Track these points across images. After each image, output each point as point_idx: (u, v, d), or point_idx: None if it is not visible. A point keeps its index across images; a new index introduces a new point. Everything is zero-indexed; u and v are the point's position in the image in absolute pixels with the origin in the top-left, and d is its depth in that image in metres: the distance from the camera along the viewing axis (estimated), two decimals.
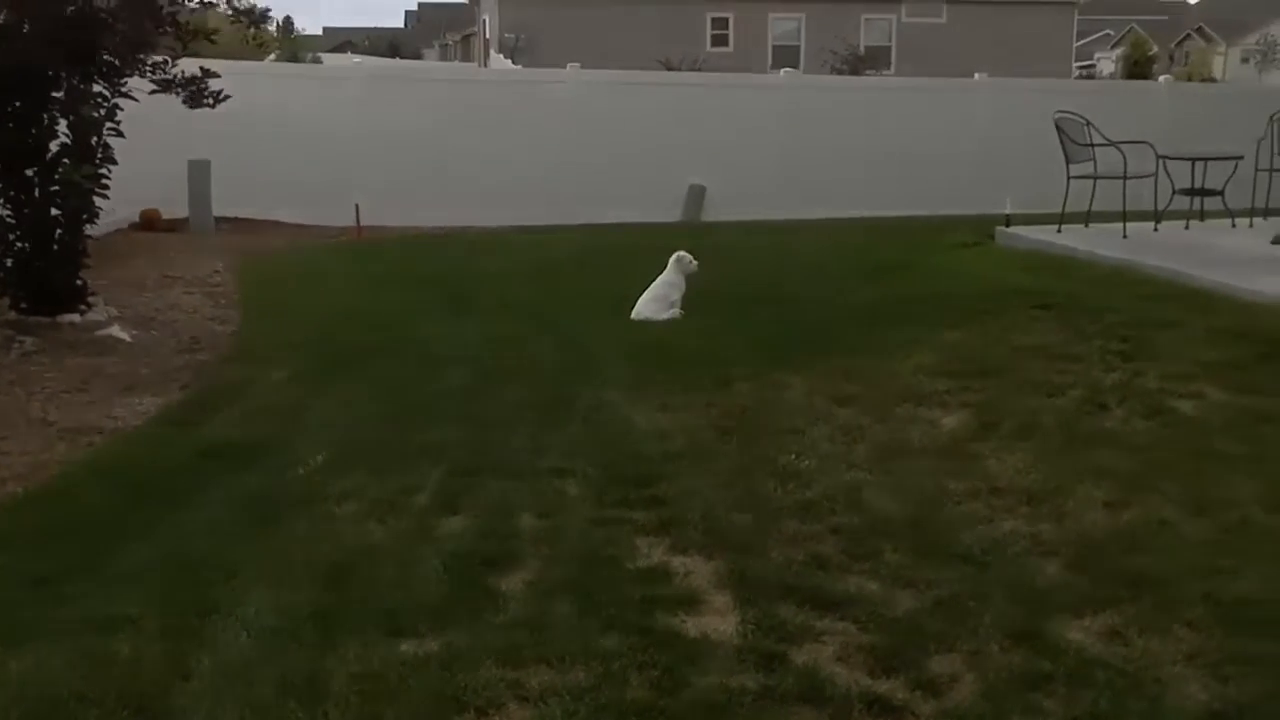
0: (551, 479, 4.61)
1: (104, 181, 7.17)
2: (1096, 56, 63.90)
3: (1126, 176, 9.04)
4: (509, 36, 33.11)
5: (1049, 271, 8.16)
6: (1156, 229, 9.51)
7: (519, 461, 4.82)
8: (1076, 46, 61.21)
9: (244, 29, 7.40)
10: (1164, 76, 17.21)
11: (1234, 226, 9.60)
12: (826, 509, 4.21)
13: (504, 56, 32.71)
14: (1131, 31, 65.69)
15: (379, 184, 14.15)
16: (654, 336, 7.14)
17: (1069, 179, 9.30)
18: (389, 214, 13.97)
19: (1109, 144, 9.16)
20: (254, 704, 2.96)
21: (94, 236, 11.97)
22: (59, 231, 7.31)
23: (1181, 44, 67.10)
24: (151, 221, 13.42)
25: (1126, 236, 9.07)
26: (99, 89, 7.13)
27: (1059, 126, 9.36)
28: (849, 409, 5.42)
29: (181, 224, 13.21)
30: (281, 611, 3.46)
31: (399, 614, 3.43)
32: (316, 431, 5.34)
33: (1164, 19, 70.36)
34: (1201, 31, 67.60)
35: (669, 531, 4.04)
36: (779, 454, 4.81)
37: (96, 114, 6.99)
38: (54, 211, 7.23)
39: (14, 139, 7.00)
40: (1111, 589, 3.51)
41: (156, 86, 7.14)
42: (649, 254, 7.92)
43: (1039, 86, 15.32)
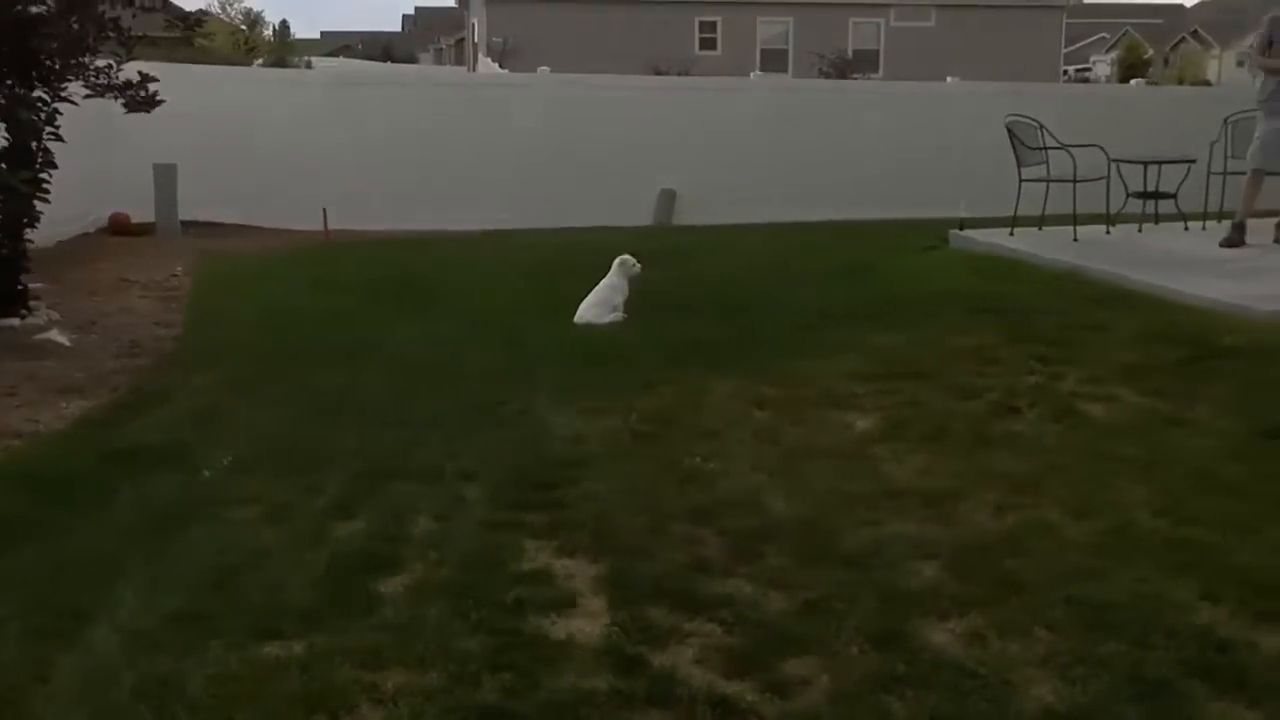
0: (456, 482, 4.62)
1: (44, 186, 7.18)
2: (1092, 60, 63.90)
3: (1076, 180, 9.05)
4: (496, 40, 33.15)
5: (996, 275, 8.18)
6: (1109, 232, 9.52)
7: (428, 465, 4.82)
8: (1072, 50, 61.33)
9: (182, 33, 7.37)
10: (1135, 80, 17.21)
11: (1186, 229, 9.61)
12: (721, 512, 4.22)
13: (491, 60, 32.74)
14: (1127, 35, 65.77)
15: (349, 188, 14.19)
16: (592, 340, 7.15)
17: (1020, 182, 9.31)
18: (359, 218, 14.02)
19: (1060, 147, 9.17)
20: (107, 707, 2.98)
21: (61, 240, 12.20)
22: None
23: (1176, 47, 67.02)
24: (121, 225, 13.47)
25: (1077, 240, 9.08)
26: (39, 94, 7.15)
27: (1010, 130, 9.38)
28: (767, 412, 5.44)
29: (152, 228, 13.25)
30: (154, 614, 3.48)
31: (271, 617, 3.44)
32: (234, 435, 5.34)
33: (1159, 22, 70.32)
34: (1197, 35, 67.53)
35: (559, 534, 4.06)
36: (687, 457, 4.82)
37: (36, 118, 7.01)
38: None
39: None
40: (982, 591, 3.52)
41: (91, 91, 7.15)
42: (611, 258, 7.92)
43: (1009, 90, 15.29)
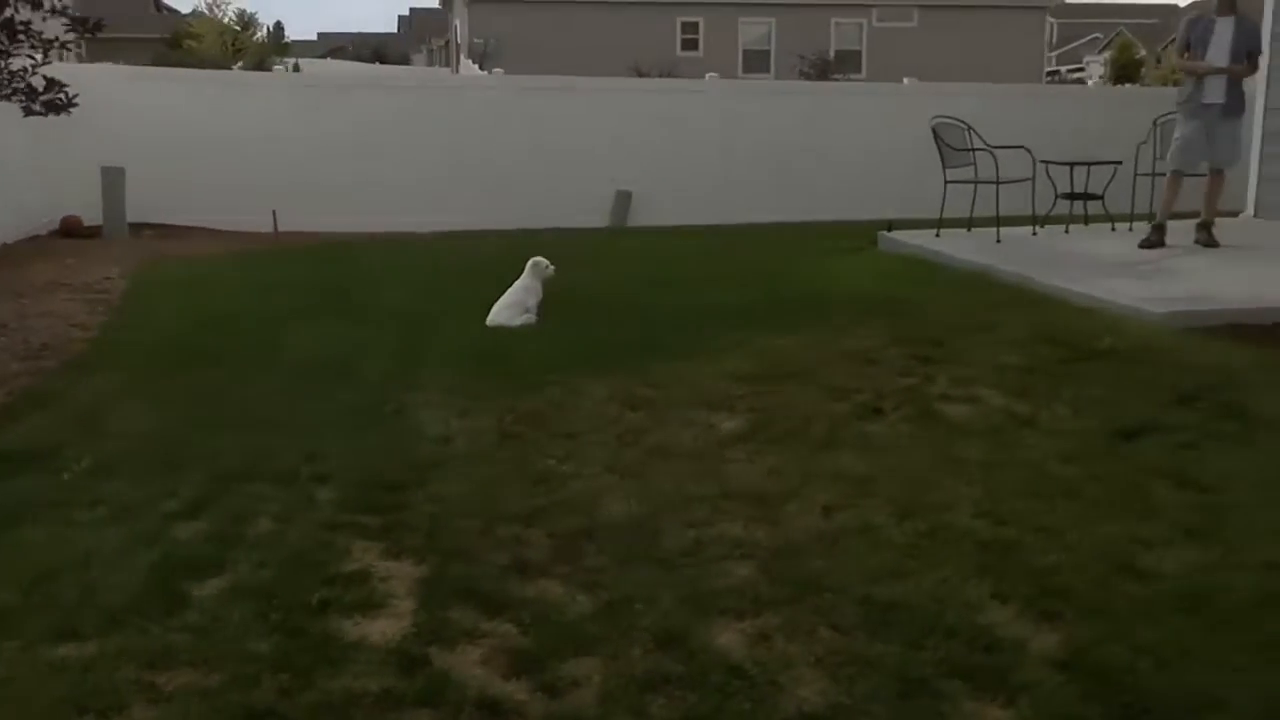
0: (310, 484, 4.64)
1: None
2: (1086, 60, 63.80)
3: (999, 181, 9.07)
4: (478, 41, 33.16)
5: (908, 277, 8.21)
6: (1035, 233, 9.55)
7: (287, 467, 4.84)
8: (1066, 50, 61.35)
9: (81, 36, 7.41)
10: (1091, 81, 17.21)
11: (1114, 230, 9.64)
12: (557, 513, 4.25)
13: (473, 62, 32.78)
14: (1120, 34, 65.73)
15: (302, 189, 14.26)
16: (496, 342, 7.18)
17: (945, 184, 9.33)
18: (312, 219, 14.09)
19: (986, 149, 9.20)
20: None
21: (7, 242, 12.25)
22: None
23: (1168, 47, 66.95)
24: (72, 228, 13.53)
25: (1000, 241, 9.10)
26: None
27: (935, 132, 9.40)
28: (640, 413, 5.47)
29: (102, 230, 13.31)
30: None
31: (76, 618, 3.47)
32: (109, 437, 5.36)
33: (1154, 22, 70.22)
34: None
35: (391, 536, 4.09)
36: (546, 458, 4.86)
37: None
38: None
39: None
40: (784, 592, 3.55)
41: None
42: (554, 259, 7.96)
43: (969, 90, 15.33)
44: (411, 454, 5.01)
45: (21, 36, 7.24)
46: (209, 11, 53.24)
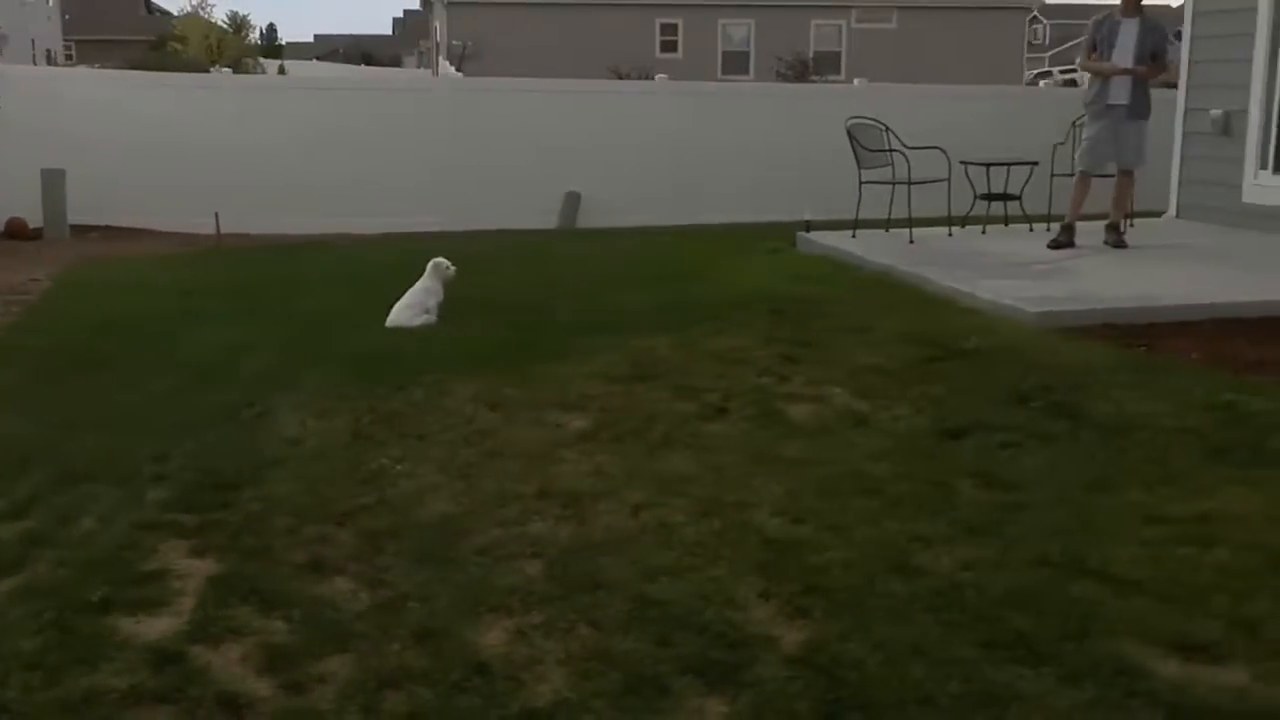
0: (146, 484, 4.67)
1: None
2: (1078, 61, 63.82)
3: (911, 182, 9.11)
4: (456, 44, 33.23)
5: (812, 277, 8.25)
6: (951, 234, 9.58)
7: (130, 467, 4.87)
8: (1060, 50, 61.25)
9: None
10: (1044, 82, 17.22)
11: (1031, 231, 9.67)
12: (375, 512, 4.29)
13: (450, 64, 32.83)
14: None
15: (250, 192, 14.30)
16: (388, 343, 7.21)
17: (860, 185, 9.37)
18: (258, 222, 14.14)
19: (901, 149, 9.23)
20: None
21: None
22: None
23: None
24: (16, 230, 13.58)
25: (913, 242, 9.14)
26: None
27: (850, 133, 9.43)
28: (496, 413, 5.49)
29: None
30: None
31: None
32: None
33: None
34: (1181, 35, 67.13)
35: (203, 534, 4.12)
36: (384, 458, 4.89)
37: None
38: None
39: None
40: (560, 590, 3.58)
41: None
42: (492, 260, 8.02)
43: (916, 91, 15.37)
44: (257, 454, 5.04)
45: None
46: (195, 13, 53.48)
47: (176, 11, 58.32)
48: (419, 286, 7.89)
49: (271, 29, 60.11)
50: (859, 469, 4.41)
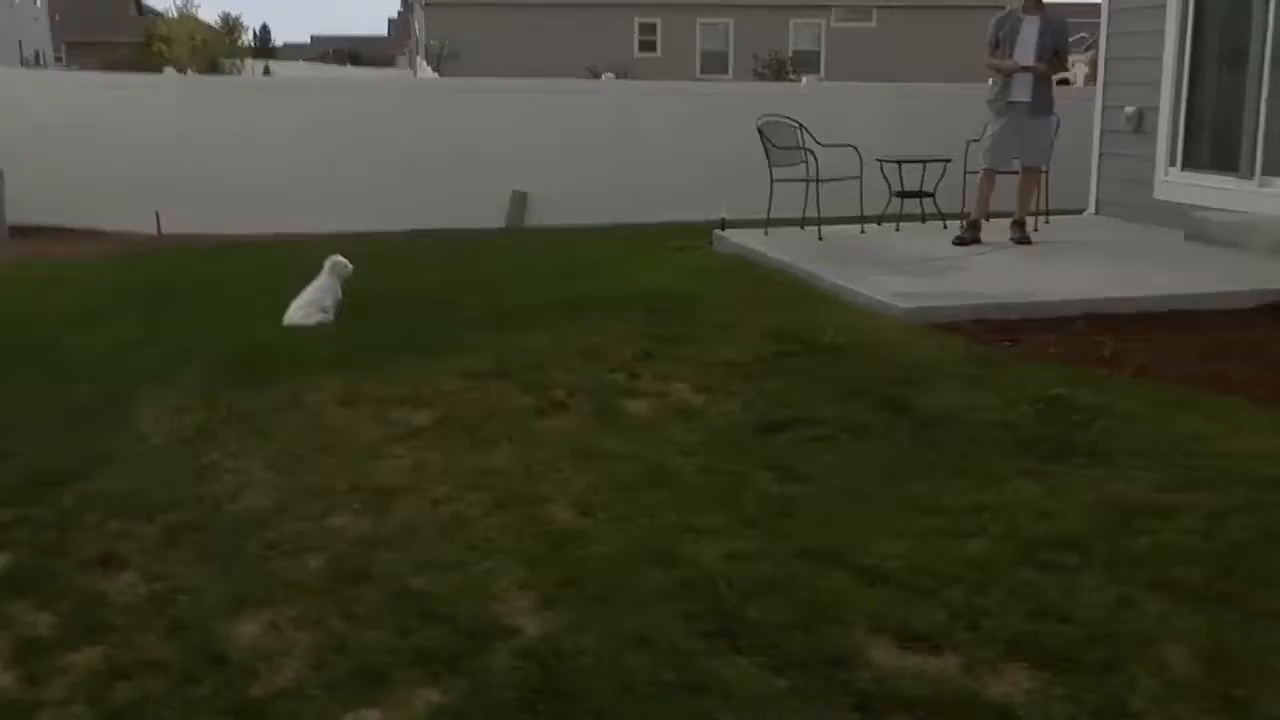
0: None
1: None
2: (1071, 60, 63.85)
3: (820, 179, 9.14)
4: (433, 43, 33.30)
5: (708, 275, 8.28)
6: (864, 231, 9.61)
7: None
8: None
9: None
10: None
11: (945, 228, 9.69)
12: (188, 507, 4.33)
13: (428, 64, 32.89)
14: None
15: (193, 192, 14.36)
16: (278, 341, 7.24)
17: (772, 183, 9.39)
18: (202, 221, 14.17)
19: (809, 148, 9.25)
20: None
21: None
22: None
23: None
24: None
25: (822, 239, 9.16)
26: None
27: (761, 131, 9.46)
28: (347, 409, 5.53)
29: None
30: None
31: None
32: None
33: None
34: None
35: (11, 531, 4.16)
36: (217, 455, 4.92)
37: None
38: None
39: None
40: (328, 583, 3.62)
41: None
42: (413, 260, 8.06)
43: (864, 90, 15.40)
44: (99, 450, 5.07)
45: None
46: (185, 12, 53.57)
47: (166, 11, 58.29)
48: (316, 285, 7.92)
49: (265, 30, 60.08)
50: (665, 463, 4.45)
